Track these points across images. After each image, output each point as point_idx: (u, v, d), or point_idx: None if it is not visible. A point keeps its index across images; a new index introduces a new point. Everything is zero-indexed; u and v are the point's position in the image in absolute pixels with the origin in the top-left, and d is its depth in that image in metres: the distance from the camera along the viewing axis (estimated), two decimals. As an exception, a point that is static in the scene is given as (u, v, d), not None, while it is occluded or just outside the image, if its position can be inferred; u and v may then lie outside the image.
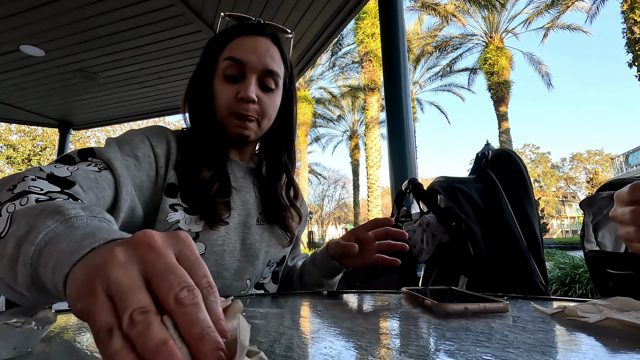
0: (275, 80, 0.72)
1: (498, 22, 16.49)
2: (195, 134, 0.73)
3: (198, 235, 0.67)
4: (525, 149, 43.47)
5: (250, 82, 0.69)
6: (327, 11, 3.12)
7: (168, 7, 2.85)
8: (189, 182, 0.68)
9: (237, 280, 0.73)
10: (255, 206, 0.78)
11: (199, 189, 0.67)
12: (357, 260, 0.70)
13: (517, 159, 1.11)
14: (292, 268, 0.91)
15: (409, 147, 2.81)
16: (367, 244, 0.69)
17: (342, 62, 18.80)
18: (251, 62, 0.69)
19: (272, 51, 0.72)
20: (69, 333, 0.37)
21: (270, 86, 0.72)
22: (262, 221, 0.78)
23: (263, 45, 0.71)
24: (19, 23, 3.00)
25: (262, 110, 0.71)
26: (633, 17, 10.50)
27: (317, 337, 0.32)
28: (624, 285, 0.82)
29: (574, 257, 5.15)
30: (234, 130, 0.72)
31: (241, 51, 0.70)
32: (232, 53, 0.70)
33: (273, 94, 0.73)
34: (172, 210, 0.65)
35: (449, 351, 0.28)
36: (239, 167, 0.79)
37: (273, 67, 0.71)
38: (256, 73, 0.70)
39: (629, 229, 0.44)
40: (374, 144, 13.14)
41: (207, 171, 0.68)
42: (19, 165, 18.09)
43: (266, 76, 0.71)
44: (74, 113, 5.20)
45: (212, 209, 0.67)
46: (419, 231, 1.20)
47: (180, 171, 0.68)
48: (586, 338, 0.32)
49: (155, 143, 0.66)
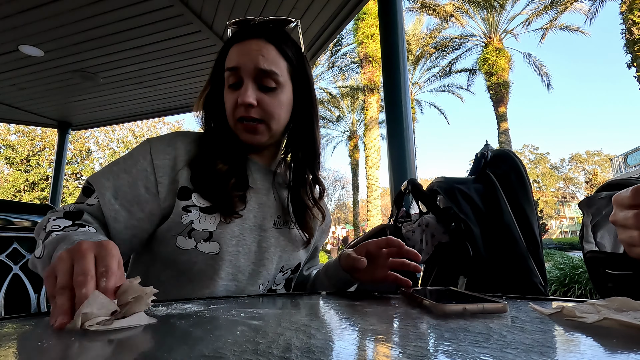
0: (275, 79, 0.70)
1: (497, 22, 16.51)
2: (211, 137, 0.75)
3: (212, 234, 0.67)
4: (525, 149, 43.53)
5: (247, 87, 0.69)
6: (326, 12, 3.12)
7: (167, 7, 2.85)
8: (204, 176, 0.68)
9: (251, 284, 0.73)
10: (274, 209, 0.77)
11: (214, 180, 0.68)
12: (367, 275, 0.68)
13: (516, 160, 1.11)
14: (307, 277, 0.90)
15: (408, 147, 2.81)
16: (379, 260, 0.67)
17: (341, 63, 18.80)
18: (243, 66, 0.69)
19: (264, 50, 0.70)
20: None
21: (269, 85, 0.70)
22: (280, 225, 0.77)
23: (254, 47, 0.70)
24: (18, 23, 2.99)
25: (265, 112, 0.70)
26: (632, 18, 10.52)
27: (315, 337, 0.32)
28: (623, 286, 0.83)
29: (573, 258, 5.15)
30: (243, 137, 0.72)
31: (235, 58, 0.70)
32: (228, 63, 0.71)
33: (275, 93, 0.71)
34: (185, 212, 0.67)
35: (448, 352, 0.28)
36: (258, 168, 0.78)
37: (267, 67, 0.69)
38: (251, 76, 0.69)
39: (632, 233, 0.42)
40: (374, 144, 13.14)
41: (222, 164, 0.69)
42: (17, 166, 18.05)
43: (263, 77, 0.70)
44: (73, 113, 5.20)
45: (227, 200, 0.68)
46: (418, 231, 1.20)
47: (195, 166, 0.69)
48: (584, 338, 0.32)
49: (155, 155, 0.68)
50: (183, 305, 0.48)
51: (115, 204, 0.65)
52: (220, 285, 0.68)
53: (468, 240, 1.03)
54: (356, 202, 23.14)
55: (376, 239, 0.68)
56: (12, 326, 0.38)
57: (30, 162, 18.27)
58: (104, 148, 20.30)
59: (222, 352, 0.27)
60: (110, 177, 0.66)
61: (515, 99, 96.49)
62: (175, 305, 0.48)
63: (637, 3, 10.38)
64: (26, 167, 18.28)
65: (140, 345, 0.33)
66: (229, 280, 0.69)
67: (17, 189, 17.62)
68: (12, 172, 18.05)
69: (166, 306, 0.48)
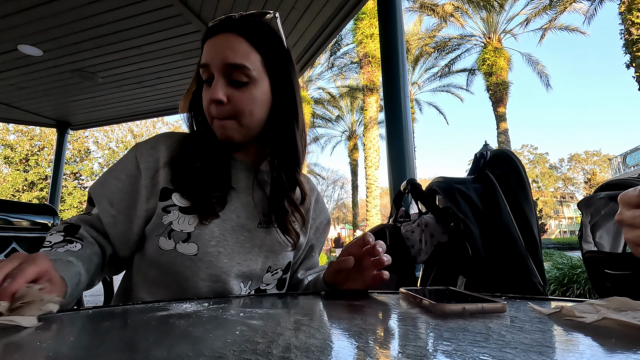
0: (246, 73, 0.67)
1: (496, 23, 16.52)
2: (194, 136, 0.76)
3: (190, 235, 0.67)
4: (524, 149, 43.59)
5: (216, 83, 0.67)
6: (325, 11, 3.12)
7: (166, 7, 2.85)
8: (183, 175, 0.69)
9: (237, 284, 0.72)
10: (260, 209, 0.75)
11: (193, 180, 0.68)
12: (357, 284, 0.64)
13: (516, 160, 1.11)
14: (300, 281, 0.88)
15: (407, 147, 2.82)
16: (363, 262, 0.63)
17: (340, 63, 18.80)
18: (212, 61, 0.67)
19: (233, 43, 0.67)
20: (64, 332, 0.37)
21: (240, 80, 0.67)
22: (266, 225, 0.75)
23: (223, 41, 0.67)
24: (16, 22, 2.99)
25: (235, 107, 0.68)
26: (630, 19, 10.53)
27: (314, 337, 0.32)
28: (622, 285, 0.83)
29: (572, 258, 5.16)
30: (218, 134, 0.71)
31: (205, 55, 0.68)
32: (202, 59, 0.69)
33: (247, 87, 0.68)
34: (165, 213, 0.67)
35: (447, 351, 0.28)
36: (243, 167, 0.76)
37: (235, 60, 0.66)
38: (219, 71, 0.67)
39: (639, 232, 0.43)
40: (373, 144, 13.14)
41: (201, 163, 0.70)
42: (16, 165, 18.02)
43: (233, 71, 0.67)
44: (72, 113, 5.19)
45: (205, 201, 0.68)
46: (417, 231, 1.20)
47: (175, 165, 0.69)
48: (583, 338, 0.32)
49: (141, 159, 0.70)
50: (182, 305, 0.48)
51: (112, 211, 0.68)
52: (203, 286, 0.68)
53: (467, 240, 1.03)
54: (355, 202, 23.15)
55: (353, 240, 0.68)
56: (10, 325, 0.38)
57: (29, 162, 18.24)
58: (103, 148, 20.28)
59: (221, 351, 0.27)
60: (104, 185, 0.70)
61: (514, 99, 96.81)
62: (174, 305, 0.48)
63: (635, 3, 10.40)
64: (25, 167, 18.26)
65: (140, 345, 0.33)
66: (212, 282, 0.69)
67: (16, 189, 17.60)
68: (10, 172, 18.03)
69: (165, 306, 0.48)
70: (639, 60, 10.34)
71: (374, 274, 0.61)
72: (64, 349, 0.31)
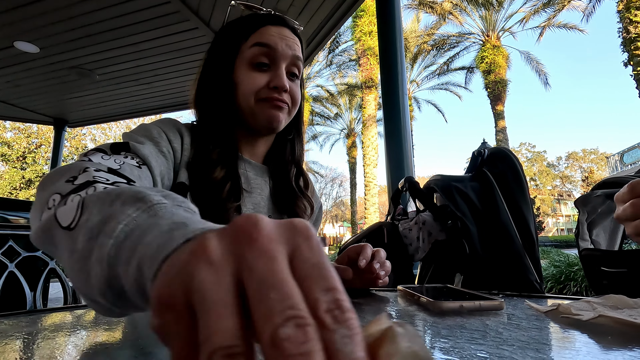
0: (300, 68, 0.73)
1: (495, 20, 16.52)
2: (207, 130, 0.70)
3: None
4: (522, 147, 43.68)
5: (283, 71, 0.69)
6: (324, 9, 3.11)
7: (164, 4, 2.83)
8: (200, 183, 0.65)
9: None
10: (267, 207, 0.76)
11: (210, 190, 0.65)
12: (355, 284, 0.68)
13: (513, 158, 1.11)
14: None
15: (405, 145, 2.82)
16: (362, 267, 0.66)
17: (339, 60, 18.76)
18: (282, 49, 0.69)
19: (294, 39, 0.72)
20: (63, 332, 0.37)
21: (296, 73, 0.72)
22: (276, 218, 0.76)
23: (287, 33, 0.71)
24: (13, 19, 2.97)
25: (292, 98, 0.71)
26: (628, 17, 10.55)
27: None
28: (618, 283, 0.83)
29: (569, 255, 5.18)
30: (266, 113, 0.68)
31: (272, 39, 0.69)
32: (260, 39, 0.69)
33: (297, 82, 0.73)
34: None
35: (444, 348, 0.28)
36: (252, 166, 0.76)
37: (298, 54, 0.71)
38: (286, 61, 0.69)
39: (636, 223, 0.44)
40: (371, 142, 13.14)
41: (219, 170, 0.66)
42: (13, 163, 17.94)
43: (293, 64, 0.71)
44: (69, 110, 5.17)
45: (222, 213, 0.65)
46: (415, 229, 1.20)
47: (193, 171, 0.66)
48: (580, 335, 0.32)
49: (172, 138, 0.65)
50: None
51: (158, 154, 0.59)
52: None
53: (465, 238, 1.04)
54: (354, 199, 23.16)
55: (353, 245, 0.70)
56: (8, 323, 0.38)
57: (26, 160, 18.17)
58: (100, 145, 20.17)
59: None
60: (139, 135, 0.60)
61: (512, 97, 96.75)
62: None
63: (633, 2, 10.42)
64: (22, 165, 18.18)
65: (140, 345, 0.33)
66: None
67: (13, 187, 17.52)
68: (8, 170, 17.95)
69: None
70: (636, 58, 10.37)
71: (372, 277, 0.65)
72: (62, 347, 0.31)
